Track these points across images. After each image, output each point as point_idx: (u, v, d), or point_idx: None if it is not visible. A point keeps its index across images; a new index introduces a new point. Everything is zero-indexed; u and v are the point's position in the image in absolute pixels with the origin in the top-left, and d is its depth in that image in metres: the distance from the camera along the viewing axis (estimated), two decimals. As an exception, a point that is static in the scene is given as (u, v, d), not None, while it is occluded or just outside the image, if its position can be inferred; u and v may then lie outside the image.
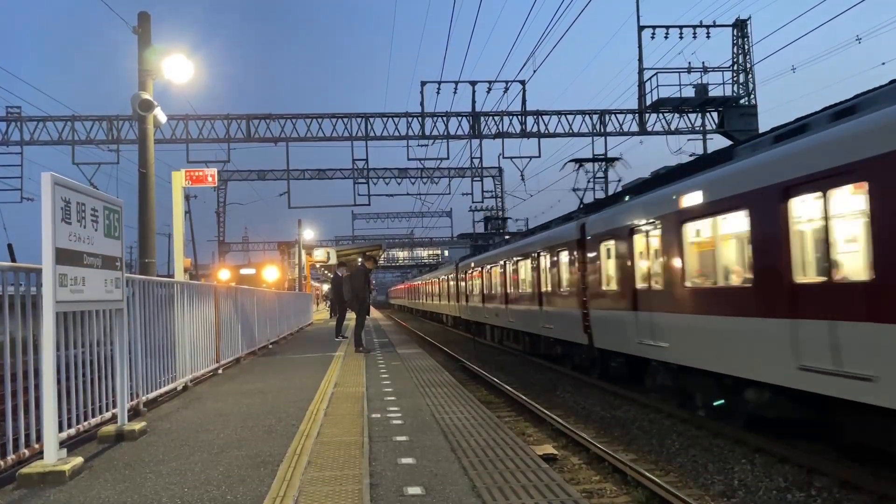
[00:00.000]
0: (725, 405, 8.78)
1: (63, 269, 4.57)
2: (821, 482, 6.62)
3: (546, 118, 25.87)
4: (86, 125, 24.81)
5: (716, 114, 25.26)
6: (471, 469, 4.57)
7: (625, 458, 7.50)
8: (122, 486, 4.35)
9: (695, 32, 24.38)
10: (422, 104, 25.42)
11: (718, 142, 25.46)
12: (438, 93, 24.83)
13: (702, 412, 9.35)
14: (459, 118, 25.82)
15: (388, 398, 7.65)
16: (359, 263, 15.90)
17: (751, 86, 24.87)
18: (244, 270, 35.53)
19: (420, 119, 25.70)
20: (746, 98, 24.86)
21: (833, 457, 7.20)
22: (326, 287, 57.56)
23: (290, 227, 47.00)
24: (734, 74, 24.87)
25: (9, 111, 24.55)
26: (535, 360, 17.89)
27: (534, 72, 18.86)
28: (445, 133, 25.83)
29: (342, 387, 8.62)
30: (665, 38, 24.48)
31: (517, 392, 12.31)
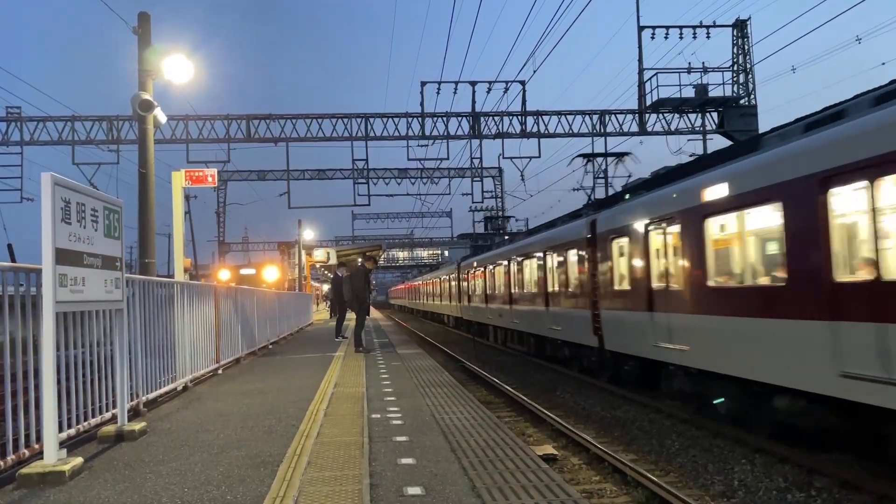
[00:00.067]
0: (744, 410, 8.35)
1: (63, 270, 4.57)
2: (821, 482, 6.62)
3: (546, 118, 25.87)
4: (86, 125, 24.82)
5: (716, 114, 25.26)
6: (471, 469, 4.57)
7: (625, 459, 7.50)
8: (122, 487, 4.36)
9: (695, 33, 24.40)
10: (422, 104, 25.44)
11: (718, 142, 25.49)
12: (438, 93, 24.86)
13: (723, 419, 8.88)
14: (459, 118, 25.83)
15: (388, 398, 7.65)
16: (359, 264, 15.90)
17: (751, 86, 24.87)
18: (244, 271, 35.54)
19: (420, 119, 25.70)
20: (746, 98, 24.87)
21: (833, 457, 7.19)
22: (326, 287, 57.56)
23: (290, 228, 47.04)
24: (734, 74, 24.88)
25: (9, 111, 24.56)
26: (535, 361, 17.87)
27: (534, 72, 18.87)
28: (445, 133, 25.84)
29: (342, 387, 8.62)
30: (665, 39, 24.51)
31: (517, 392, 12.31)
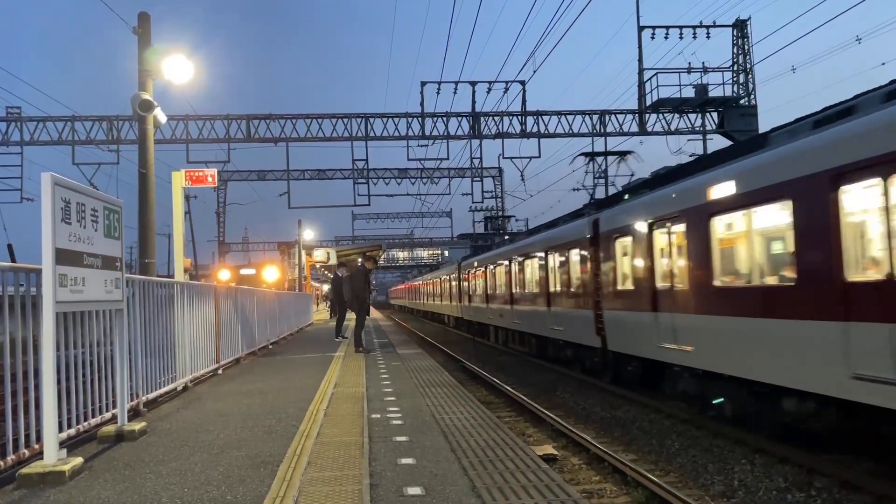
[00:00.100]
0: (750, 412, 8.23)
1: (63, 270, 4.57)
2: (821, 482, 6.62)
3: (546, 118, 25.88)
4: (86, 125, 24.83)
5: (716, 114, 25.27)
6: (471, 469, 4.57)
7: (625, 459, 7.50)
8: (122, 487, 4.35)
9: (695, 33, 24.40)
10: (422, 104, 25.45)
11: (718, 142, 25.49)
12: (438, 93, 24.87)
13: (726, 420, 8.81)
14: (459, 118, 25.84)
15: (388, 398, 7.65)
16: (359, 264, 15.89)
17: (751, 86, 24.87)
18: (244, 271, 35.55)
19: (420, 119, 25.71)
20: (746, 98, 24.87)
21: (833, 457, 7.19)
22: (326, 287, 57.57)
23: (290, 228, 47.03)
24: (734, 75, 24.88)
25: (9, 111, 24.58)
26: (535, 361, 17.86)
27: (534, 72, 18.87)
28: (445, 133, 25.85)
29: (342, 387, 8.62)
30: (665, 39, 24.52)
31: (517, 392, 12.31)
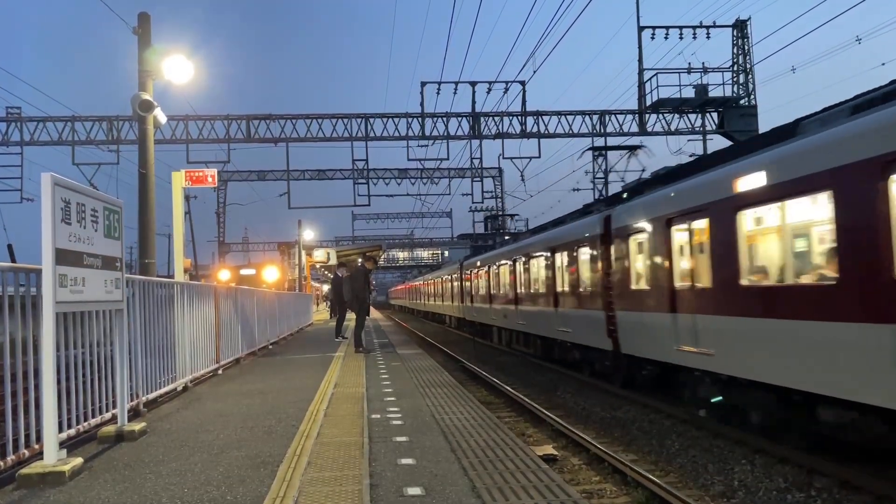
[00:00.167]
0: (784, 421, 7.75)
1: (63, 270, 4.57)
2: (821, 482, 6.62)
3: (546, 118, 25.90)
4: (86, 125, 24.85)
5: (716, 114, 25.28)
6: (471, 469, 4.57)
7: (625, 459, 7.50)
8: (122, 487, 4.35)
9: (695, 33, 24.42)
10: (422, 104, 25.47)
11: (718, 142, 25.49)
12: (438, 93, 24.90)
13: (755, 429, 8.29)
14: (459, 119, 25.85)
15: (388, 399, 7.65)
16: (359, 264, 15.89)
17: (751, 86, 24.88)
18: (244, 271, 35.57)
19: (420, 119, 25.72)
20: (746, 98, 24.88)
21: (833, 457, 7.19)
22: (326, 287, 57.58)
23: (290, 228, 47.07)
24: (734, 75, 24.90)
25: (9, 111, 24.59)
26: (535, 361, 17.85)
27: (534, 72, 18.91)
28: (445, 133, 25.86)
29: (342, 387, 8.62)
30: (665, 39, 24.54)
31: (517, 392, 12.31)
